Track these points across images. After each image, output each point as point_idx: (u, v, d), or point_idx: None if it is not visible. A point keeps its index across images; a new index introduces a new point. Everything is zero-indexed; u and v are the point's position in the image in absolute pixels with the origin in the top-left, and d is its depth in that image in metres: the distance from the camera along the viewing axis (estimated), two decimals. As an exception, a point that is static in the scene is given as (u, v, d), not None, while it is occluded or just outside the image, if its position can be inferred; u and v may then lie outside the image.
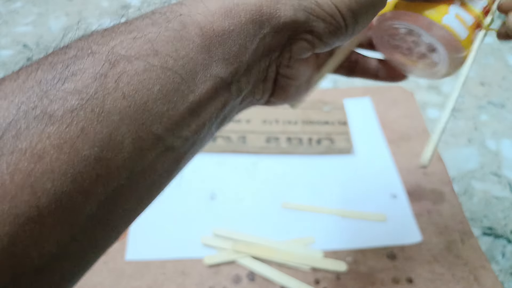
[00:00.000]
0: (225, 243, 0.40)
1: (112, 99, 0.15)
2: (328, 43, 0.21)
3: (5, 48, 0.59)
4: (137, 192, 0.16)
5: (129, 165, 0.15)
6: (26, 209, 0.13)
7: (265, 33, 0.19)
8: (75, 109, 0.14)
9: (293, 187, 0.45)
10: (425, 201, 0.44)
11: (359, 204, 0.44)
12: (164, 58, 0.16)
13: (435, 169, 0.47)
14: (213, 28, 0.18)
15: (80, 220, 0.14)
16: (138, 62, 0.16)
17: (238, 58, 0.18)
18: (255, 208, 0.43)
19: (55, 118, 0.14)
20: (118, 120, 0.15)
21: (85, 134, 0.14)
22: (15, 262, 0.13)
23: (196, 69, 0.17)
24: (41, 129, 0.14)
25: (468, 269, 0.39)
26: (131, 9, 0.67)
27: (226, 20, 0.18)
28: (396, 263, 0.39)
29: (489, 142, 0.51)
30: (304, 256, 0.39)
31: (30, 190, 0.13)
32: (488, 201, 0.45)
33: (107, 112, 0.15)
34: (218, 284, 0.37)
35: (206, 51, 0.17)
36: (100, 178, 0.14)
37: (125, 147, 0.15)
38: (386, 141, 0.50)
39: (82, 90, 0.15)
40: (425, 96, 0.56)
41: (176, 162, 0.17)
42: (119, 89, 0.15)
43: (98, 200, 0.15)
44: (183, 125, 0.17)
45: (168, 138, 0.16)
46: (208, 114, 0.18)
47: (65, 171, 0.14)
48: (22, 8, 0.66)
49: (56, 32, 0.63)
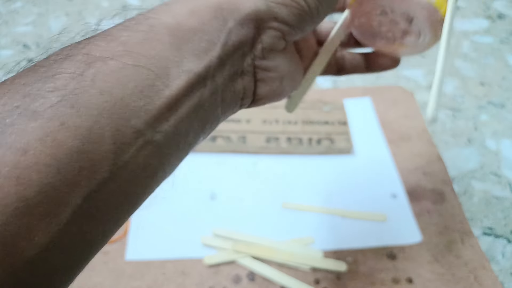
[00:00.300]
0: (225, 243, 0.40)
1: (89, 95, 0.16)
2: (298, 27, 0.22)
3: (5, 48, 0.59)
4: (121, 186, 0.17)
5: (111, 158, 0.16)
6: (14, 200, 0.14)
7: (230, 27, 0.20)
8: (55, 104, 0.15)
9: (293, 187, 0.45)
10: (425, 201, 0.44)
11: (359, 204, 0.44)
12: (137, 57, 0.17)
13: (435, 169, 0.47)
14: (179, 28, 0.19)
15: (67, 212, 0.15)
16: (112, 62, 0.17)
17: (209, 53, 0.19)
18: (255, 208, 0.43)
19: (37, 114, 0.15)
20: (96, 114, 0.16)
21: (66, 128, 0.15)
22: (6, 253, 0.14)
23: (169, 66, 0.18)
24: (24, 124, 0.15)
25: (468, 269, 0.39)
26: (131, 9, 0.67)
27: (191, 19, 0.19)
28: (396, 263, 0.39)
29: (489, 142, 0.51)
30: (304, 256, 0.39)
31: (16, 181, 0.14)
32: (488, 201, 0.45)
33: (86, 107, 0.16)
34: (218, 284, 0.37)
35: (176, 49, 0.18)
36: (83, 170, 0.15)
37: (106, 140, 0.16)
38: (386, 141, 0.50)
39: (61, 88, 0.16)
40: (425, 96, 0.56)
41: (158, 157, 0.18)
42: (96, 86, 0.16)
43: (83, 192, 0.15)
44: (162, 119, 0.18)
45: (148, 132, 0.17)
46: (186, 109, 0.18)
47: (49, 163, 0.14)
48: (22, 8, 0.66)
49: (56, 32, 0.63)
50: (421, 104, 0.55)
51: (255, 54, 0.22)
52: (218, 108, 0.21)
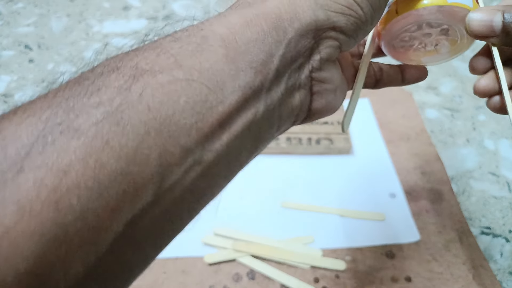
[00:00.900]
0: (226, 242, 0.40)
1: (136, 112, 0.15)
2: (353, 36, 0.21)
3: (7, 48, 0.60)
4: (165, 210, 0.15)
5: (156, 180, 0.15)
6: (52, 227, 0.13)
7: (290, 38, 0.19)
8: (99, 122, 0.14)
9: (293, 186, 0.46)
10: (424, 200, 0.44)
11: (358, 203, 0.44)
12: (189, 71, 0.16)
13: (433, 168, 0.47)
14: (235, 39, 0.18)
15: (107, 240, 0.14)
16: (162, 76, 0.16)
17: (266, 66, 0.18)
18: (255, 208, 0.44)
19: (80, 132, 0.14)
20: (143, 132, 0.14)
21: (111, 148, 0.14)
22: (40, 284, 0.13)
23: (224, 80, 0.17)
24: (67, 143, 0.14)
25: (467, 268, 0.39)
26: (132, 9, 0.67)
27: (248, 30, 0.18)
28: (394, 262, 0.39)
29: (487, 142, 0.51)
30: (304, 255, 0.39)
31: (55, 206, 0.13)
32: (486, 201, 0.45)
33: (132, 125, 0.14)
34: (218, 283, 0.38)
35: (232, 61, 0.17)
36: (126, 194, 0.14)
37: (152, 161, 0.14)
38: (384, 141, 0.50)
39: (106, 103, 0.15)
40: (423, 96, 0.56)
41: (206, 177, 0.17)
42: (144, 102, 0.15)
43: (125, 218, 0.14)
44: (214, 137, 0.16)
45: (197, 151, 0.16)
46: (239, 126, 0.17)
47: (91, 186, 0.13)
48: (23, 8, 0.66)
49: (58, 33, 0.63)
50: (419, 104, 0.55)
51: (312, 66, 0.20)
52: (273, 125, 0.20)
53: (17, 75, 0.56)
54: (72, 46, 0.61)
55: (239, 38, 0.18)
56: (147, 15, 0.67)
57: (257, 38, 0.18)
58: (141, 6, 0.68)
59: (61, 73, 0.17)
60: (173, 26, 0.19)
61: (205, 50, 0.17)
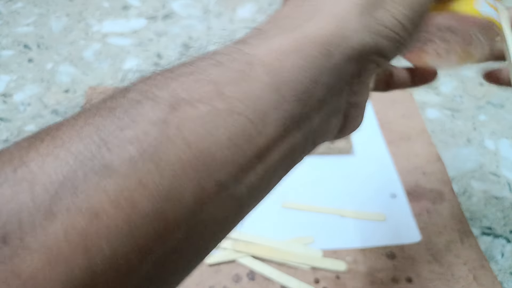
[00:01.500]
0: (225, 243, 0.40)
1: (172, 147, 0.14)
2: (392, 58, 0.20)
3: (6, 48, 0.59)
4: (194, 246, 0.15)
5: (189, 218, 0.14)
6: (80, 273, 0.12)
7: (335, 63, 0.17)
8: (133, 158, 0.13)
9: (293, 186, 0.45)
10: (425, 200, 0.44)
11: (359, 203, 0.44)
12: (230, 101, 0.15)
13: (434, 169, 0.47)
14: (281, 65, 0.16)
15: (134, 281, 0.13)
16: (202, 106, 0.15)
17: (310, 94, 0.17)
18: (255, 208, 0.43)
19: (112, 170, 0.13)
20: (179, 170, 0.14)
21: (144, 187, 0.13)
22: None
23: (266, 110, 0.16)
24: (98, 181, 0.13)
25: (468, 268, 0.39)
26: (132, 9, 0.67)
27: (294, 55, 0.17)
28: (395, 262, 0.39)
29: (488, 142, 0.51)
30: (304, 256, 0.39)
31: (84, 251, 0.12)
32: (487, 201, 0.45)
33: (168, 162, 0.13)
34: (218, 283, 0.37)
35: (276, 90, 0.16)
36: (157, 234, 0.13)
37: (185, 199, 0.14)
38: (385, 141, 0.50)
39: (141, 137, 0.14)
40: (424, 96, 0.56)
41: (238, 211, 0.16)
42: (181, 136, 0.14)
43: (155, 259, 0.13)
44: (249, 170, 0.15)
45: (232, 186, 0.15)
46: (276, 157, 0.16)
47: (121, 229, 0.13)
48: (23, 8, 0.66)
49: (57, 33, 0.63)
50: (420, 104, 0.55)
51: (352, 90, 0.19)
52: (306, 151, 0.19)
53: (16, 75, 0.56)
54: (71, 46, 0.61)
55: (285, 64, 0.16)
56: (147, 15, 0.66)
57: (303, 64, 0.17)
58: (141, 6, 0.68)
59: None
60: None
61: (247, 78, 0.16)
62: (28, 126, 0.50)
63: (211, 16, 0.66)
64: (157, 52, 0.60)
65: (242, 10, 0.68)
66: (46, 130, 0.14)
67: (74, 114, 0.15)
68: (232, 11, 0.67)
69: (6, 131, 0.49)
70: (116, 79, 0.56)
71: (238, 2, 0.69)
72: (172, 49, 0.61)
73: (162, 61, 0.59)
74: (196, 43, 0.61)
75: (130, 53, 0.60)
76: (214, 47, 0.18)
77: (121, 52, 0.60)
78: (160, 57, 0.60)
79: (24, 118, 0.50)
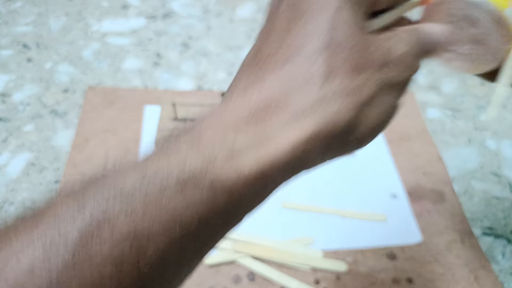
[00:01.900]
0: (225, 243, 0.40)
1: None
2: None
3: (5, 48, 0.59)
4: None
5: None
6: None
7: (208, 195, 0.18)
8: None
9: (293, 187, 0.45)
10: (425, 201, 0.44)
11: (359, 204, 0.44)
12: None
13: (435, 169, 0.47)
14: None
15: None
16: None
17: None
18: (255, 208, 0.43)
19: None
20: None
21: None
22: None
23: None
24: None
25: (468, 269, 0.39)
26: (131, 8, 0.67)
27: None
28: (396, 263, 0.39)
29: (489, 142, 0.51)
30: (304, 256, 0.39)
31: None
32: (488, 201, 0.45)
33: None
34: (218, 284, 0.37)
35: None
36: None
37: None
38: (386, 141, 0.50)
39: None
40: (425, 96, 0.56)
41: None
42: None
43: None
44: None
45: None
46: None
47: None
48: (22, 8, 0.66)
49: (56, 32, 0.63)
50: (421, 104, 0.55)
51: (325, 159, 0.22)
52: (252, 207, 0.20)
53: (15, 75, 0.56)
54: (70, 45, 0.61)
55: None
56: (146, 14, 0.66)
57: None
58: (140, 5, 0.68)
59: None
60: None
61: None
62: (27, 126, 0.49)
63: (211, 15, 0.66)
64: (156, 52, 0.60)
65: (242, 10, 0.67)
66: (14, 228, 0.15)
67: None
68: (232, 11, 0.67)
69: (5, 131, 0.49)
70: (115, 78, 0.56)
71: (238, 1, 0.69)
72: (172, 48, 0.61)
73: (162, 61, 0.59)
74: (196, 42, 0.61)
75: (130, 53, 0.60)
76: (214, 47, 0.17)
77: (120, 51, 0.60)
78: (160, 56, 0.59)
79: (23, 118, 0.50)
